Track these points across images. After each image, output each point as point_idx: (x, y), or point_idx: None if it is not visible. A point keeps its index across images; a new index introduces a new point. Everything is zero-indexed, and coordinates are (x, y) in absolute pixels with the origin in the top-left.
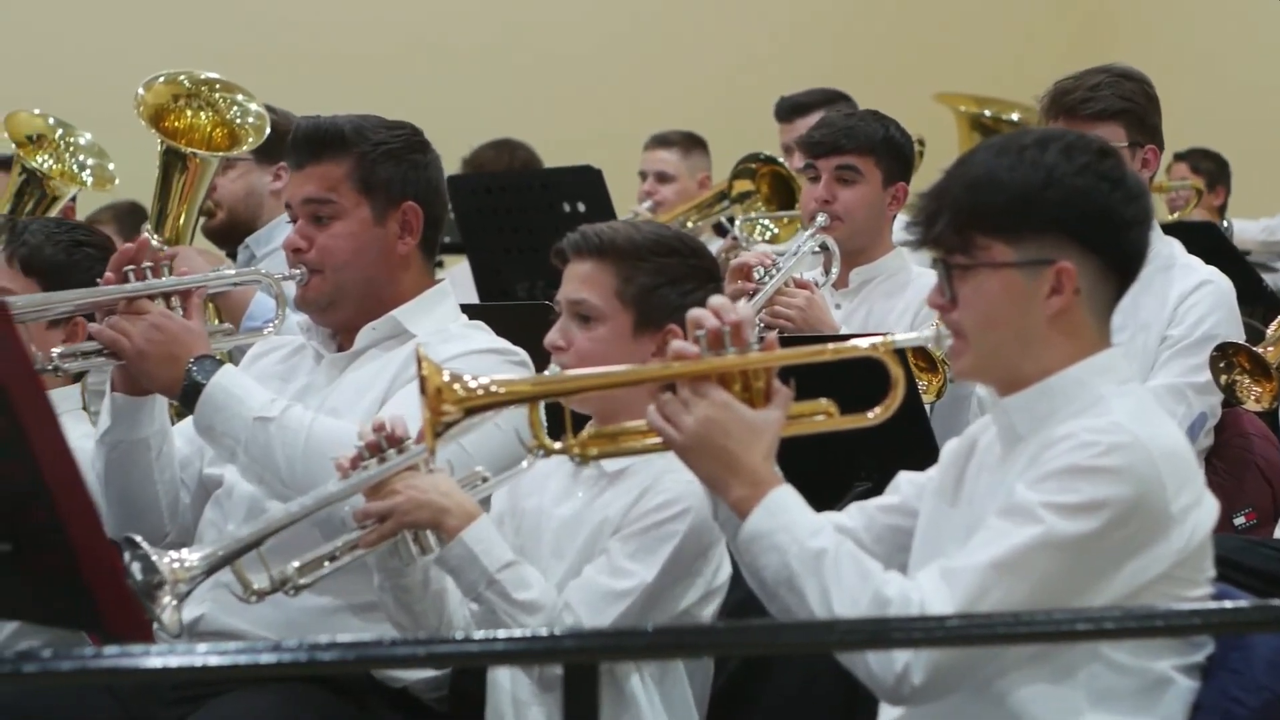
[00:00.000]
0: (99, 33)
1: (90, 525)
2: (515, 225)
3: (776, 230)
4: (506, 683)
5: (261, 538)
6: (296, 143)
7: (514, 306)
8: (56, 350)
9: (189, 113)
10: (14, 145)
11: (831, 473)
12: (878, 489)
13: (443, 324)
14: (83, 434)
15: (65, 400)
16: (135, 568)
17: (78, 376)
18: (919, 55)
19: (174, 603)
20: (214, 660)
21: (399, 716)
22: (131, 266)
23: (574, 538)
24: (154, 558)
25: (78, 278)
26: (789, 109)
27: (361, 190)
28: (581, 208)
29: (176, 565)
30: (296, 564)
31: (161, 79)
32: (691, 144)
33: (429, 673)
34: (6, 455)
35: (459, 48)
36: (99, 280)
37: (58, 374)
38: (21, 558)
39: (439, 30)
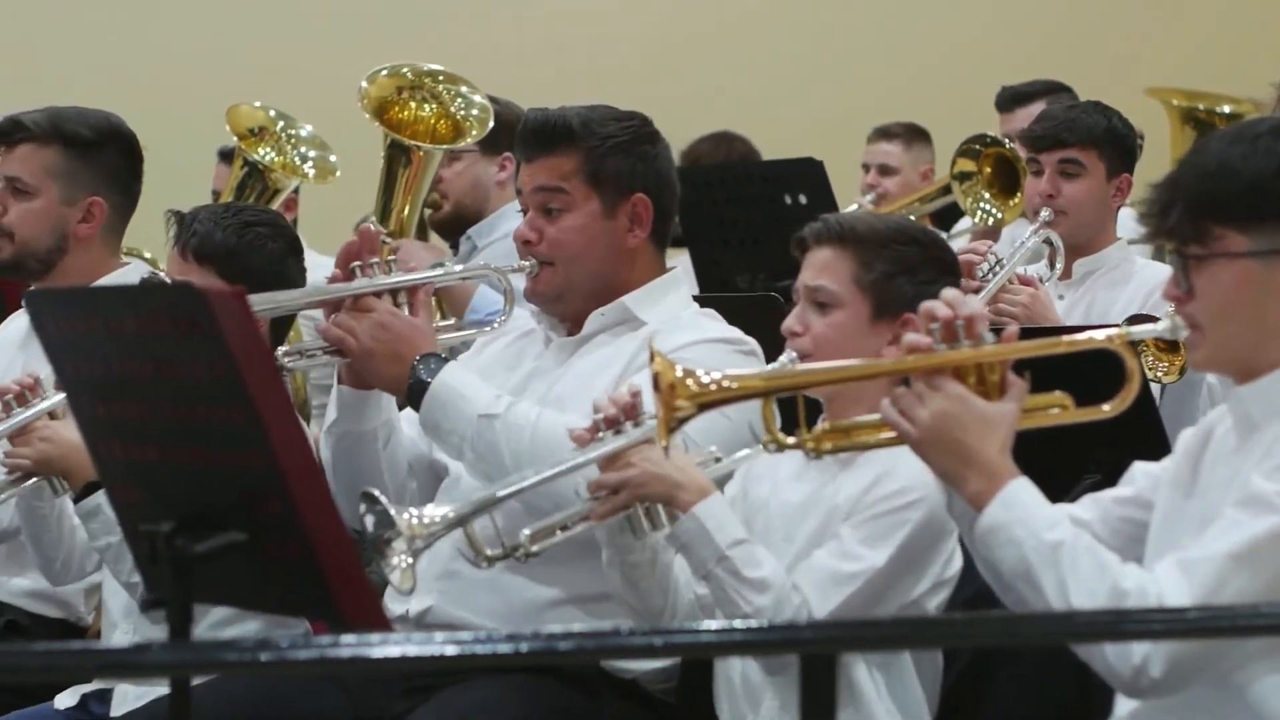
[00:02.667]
0: (319, 25)
1: (327, 515)
2: (735, 218)
3: (1000, 214)
4: (738, 671)
5: (498, 500)
6: (525, 135)
7: (738, 298)
8: (282, 349)
9: (413, 105)
10: (236, 138)
11: (1060, 464)
12: (1108, 481)
13: (674, 312)
14: None
15: None
16: (369, 521)
17: None
18: (1131, 46)
19: (408, 560)
20: (450, 650)
21: (629, 707)
22: (358, 263)
23: (804, 522)
24: (392, 512)
25: (252, 258)
26: (1009, 99)
27: (591, 183)
28: (803, 200)
29: (414, 520)
30: (528, 531)
31: (385, 72)
32: (914, 136)
33: (658, 663)
34: (244, 445)
35: (675, 40)
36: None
37: (284, 372)
38: (257, 547)
39: (655, 22)
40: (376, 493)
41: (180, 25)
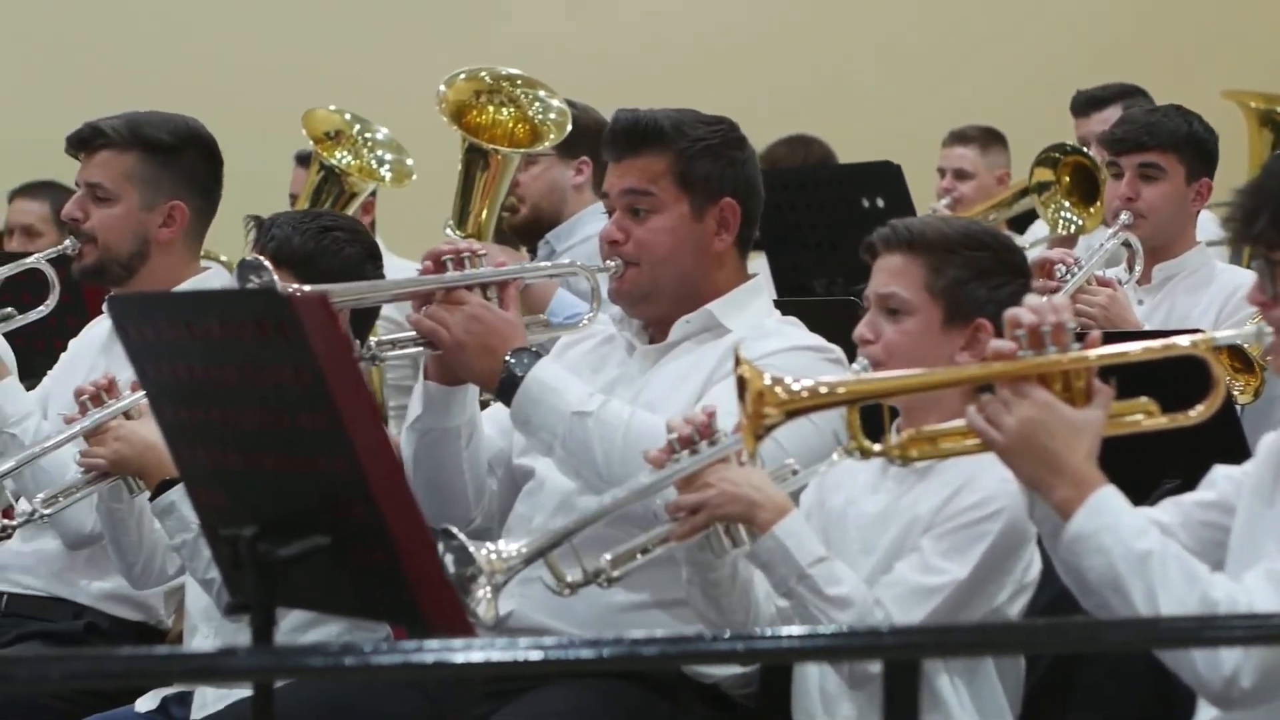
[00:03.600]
0: (393, 30)
1: (411, 520)
2: (813, 221)
3: (1080, 221)
4: (815, 678)
5: (576, 529)
6: (615, 136)
7: (817, 302)
8: (374, 339)
9: (490, 109)
10: (312, 142)
11: (1139, 469)
12: (1187, 485)
13: (758, 319)
14: None
15: None
16: (449, 559)
17: None
18: (1205, 48)
19: (489, 595)
20: (534, 655)
21: (710, 712)
22: (450, 256)
23: (882, 533)
24: (470, 549)
25: (329, 262)
26: (1085, 103)
27: (680, 185)
28: (881, 203)
29: (494, 556)
30: (609, 556)
31: (463, 76)
32: (990, 139)
33: (739, 668)
34: (327, 451)
35: (749, 43)
36: (353, 263)
37: (375, 363)
38: (340, 551)
39: (731, 24)
40: (454, 530)
41: (257, 31)
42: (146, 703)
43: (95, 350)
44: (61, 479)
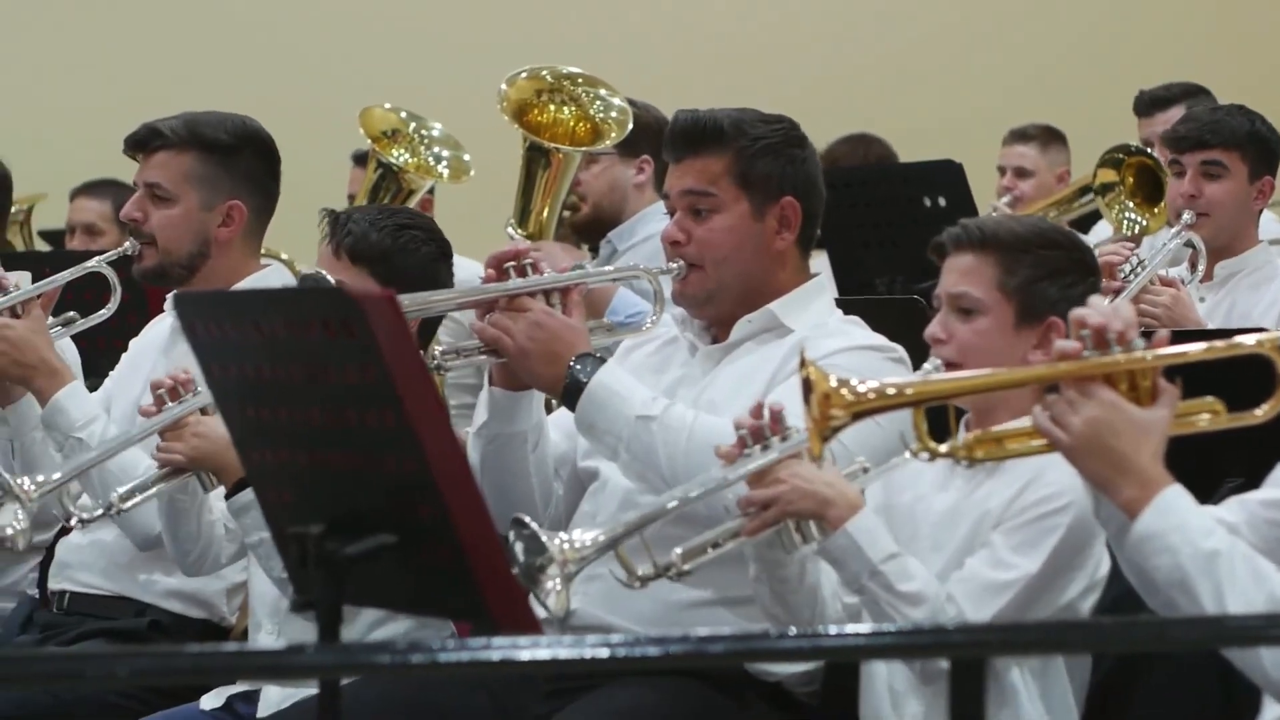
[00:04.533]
0: (453, 27)
1: (479, 520)
2: (875, 220)
3: (1144, 222)
4: (884, 676)
5: (648, 521)
6: (675, 136)
7: (879, 301)
8: (439, 348)
9: (552, 108)
10: (370, 141)
11: (1202, 468)
12: (1250, 484)
13: (820, 318)
14: None
15: None
16: (519, 548)
17: None
18: (1267, 47)
19: (560, 585)
20: (601, 653)
21: (773, 711)
22: (512, 263)
23: (953, 530)
24: (543, 538)
25: (405, 260)
26: (1148, 103)
27: (740, 185)
28: (942, 202)
29: (565, 546)
30: (679, 550)
31: (524, 74)
32: (1050, 138)
33: (802, 666)
34: (395, 450)
35: (807, 43)
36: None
37: (440, 372)
38: (407, 550)
39: (789, 22)
40: (526, 519)
41: (313, 31)
42: (211, 700)
43: (156, 350)
44: (130, 477)
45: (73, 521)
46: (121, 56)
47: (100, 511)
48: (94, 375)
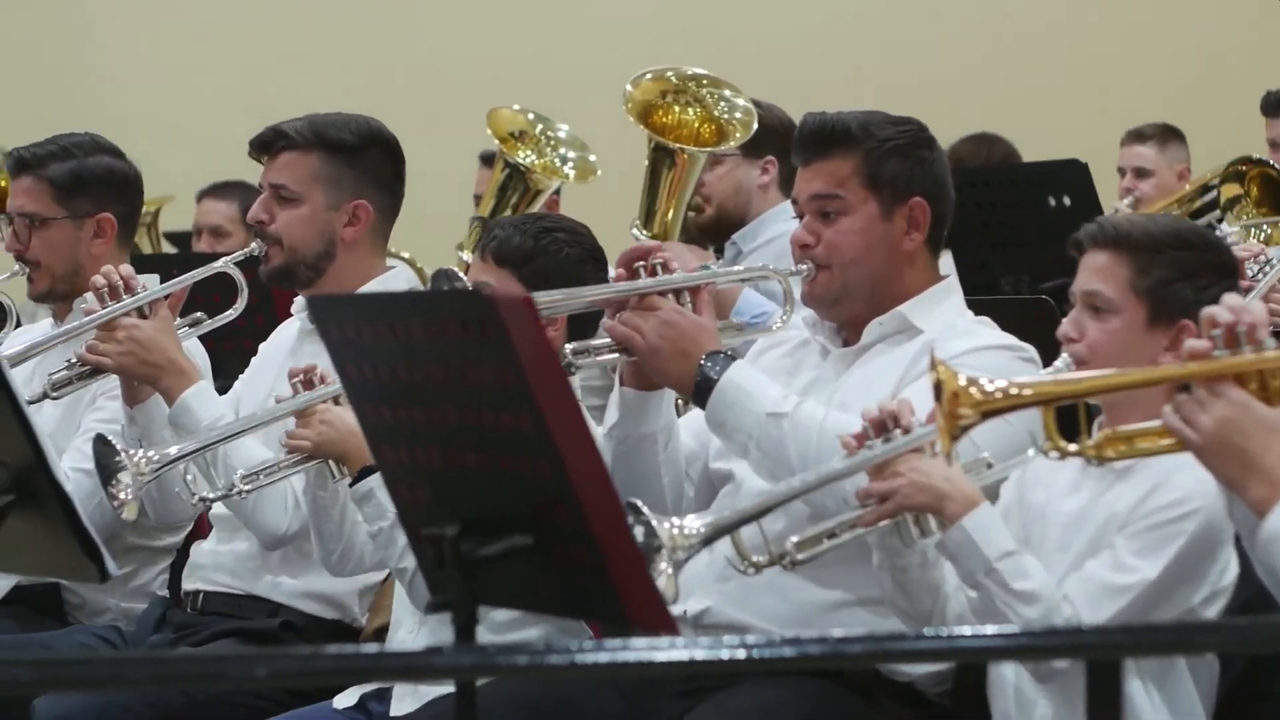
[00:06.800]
0: (580, 29)
1: (615, 521)
2: (999, 220)
3: (1270, 231)
4: (1011, 677)
5: (763, 510)
6: (803, 139)
7: (1009, 301)
8: (570, 346)
9: (677, 109)
10: (497, 142)
11: None
12: None
13: (950, 319)
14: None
15: None
16: (637, 532)
17: None
18: None
19: (670, 571)
20: (738, 654)
21: (905, 711)
22: (641, 262)
23: (1080, 532)
24: (654, 523)
25: (548, 262)
26: (1275, 103)
27: (869, 186)
28: (1067, 202)
29: (676, 531)
30: (795, 539)
31: (649, 76)
32: (1168, 136)
33: (934, 666)
34: (531, 452)
35: (930, 43)
36: (572, 263)
37: (570, 370)
38: (543, 551)
39: (913, 26)
40: (640, 504)
41: (442, 32)
42: (345, 699)
43: (284, 354)
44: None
45: (194, 500)
46: (249, 59)
47: (223, 493)
48: (221, 377)
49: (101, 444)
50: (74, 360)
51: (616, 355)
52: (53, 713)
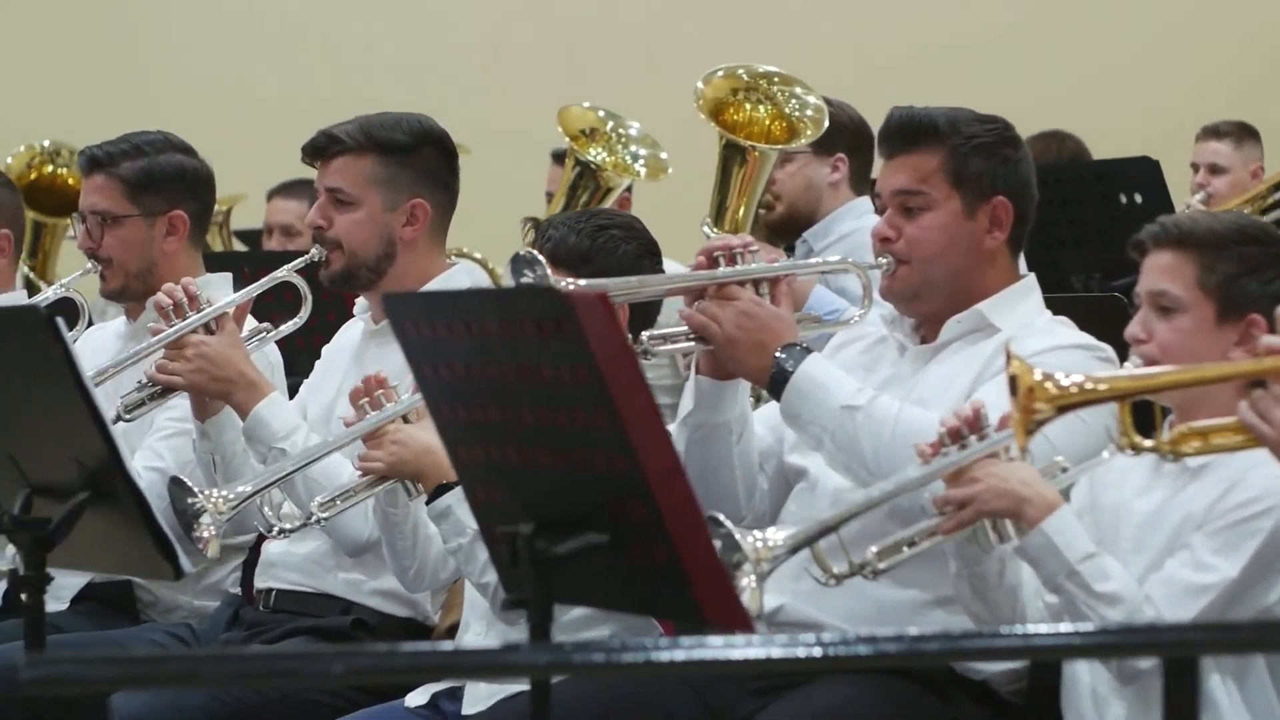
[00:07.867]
0: (650, 27)
1: (692, 518)
2: (1070, 217)
3: None
4: (1085, 677)
5: (842, 521)
6: (889, 132)
7: (1080, 299)
8: (646, 333)
9: (747, 106)
10: (568, 139)
11: None
12: None
13: (1028, 318)
14: None
15: None
16: (716, 546)
17: None
18: None
19: (754, 583)
20: (815, 652)
21: (980, 709)
22: (722, 252)
23: (1156, 532)
24: (737, 536)
25: (605, 260)
26: None
27: (953, 183)
28: (1138, 199)
29: (759, 544)
30: (875, 549)
31: (720, 73)
32: (1244, 134)
33: (1008, 665)
34: (606, 449)
35: (998, 42)
36: (631, 259)
37: (647, 357)
38: (618, 549)
39: (981, 22)
40: (721, 517)
41: (513, 31)
42: (417, 698)
43: (349, 356)
44: (333, 484)
45: (274, 533)
46: (318, 58)
47: (300, 523)
48: (295, 375)
49: (176, 486)
50: (144, 381)
51: (693, 343)
52: (126, 710)
